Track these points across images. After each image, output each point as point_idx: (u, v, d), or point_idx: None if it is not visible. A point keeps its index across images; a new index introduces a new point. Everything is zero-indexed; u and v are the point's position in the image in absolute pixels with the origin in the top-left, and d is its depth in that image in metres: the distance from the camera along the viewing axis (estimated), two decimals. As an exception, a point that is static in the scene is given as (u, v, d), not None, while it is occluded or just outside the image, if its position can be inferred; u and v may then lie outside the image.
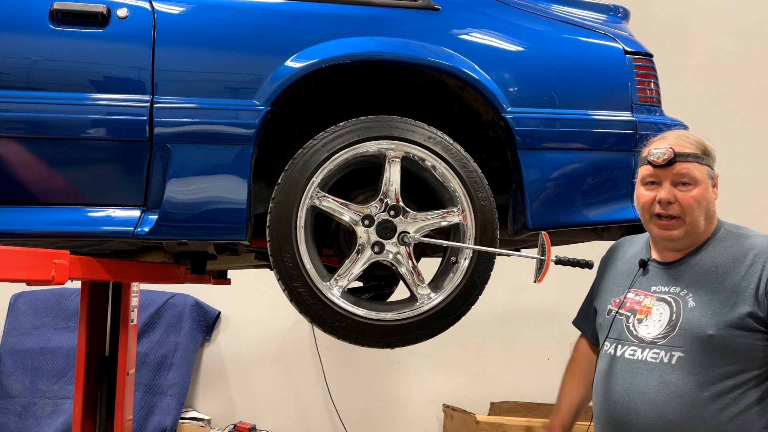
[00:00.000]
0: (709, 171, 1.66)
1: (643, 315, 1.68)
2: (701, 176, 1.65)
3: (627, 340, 1.68)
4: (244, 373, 4.44)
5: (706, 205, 1.65)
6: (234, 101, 1.84)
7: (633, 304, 1.72)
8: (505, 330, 4.28)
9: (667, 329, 1.62)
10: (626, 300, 1.74)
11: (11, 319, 4.31)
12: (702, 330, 1.57)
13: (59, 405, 4.07)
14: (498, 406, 4.08)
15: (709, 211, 1.66)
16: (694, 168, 1.64)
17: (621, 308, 1.74)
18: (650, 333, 1.65)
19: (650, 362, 1.61)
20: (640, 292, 1.73)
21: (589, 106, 2.04)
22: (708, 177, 1.66)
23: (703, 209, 1.65)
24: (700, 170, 1.65)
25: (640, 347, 1.65)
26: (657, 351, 1.62)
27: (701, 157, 1.66)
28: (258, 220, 1.98)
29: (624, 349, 1.68)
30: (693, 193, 1.64)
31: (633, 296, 1.74)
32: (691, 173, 1.64)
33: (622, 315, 1.73)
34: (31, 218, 1.80)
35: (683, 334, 1.59)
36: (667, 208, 1.65)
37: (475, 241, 1.87)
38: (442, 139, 1.89)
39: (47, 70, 1.81)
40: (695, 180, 1.64)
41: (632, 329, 1.69)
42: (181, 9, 1.89)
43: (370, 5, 1.97)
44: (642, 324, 1.67)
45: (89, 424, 2.73)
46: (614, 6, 2.30)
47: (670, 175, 1.65)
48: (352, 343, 1.85)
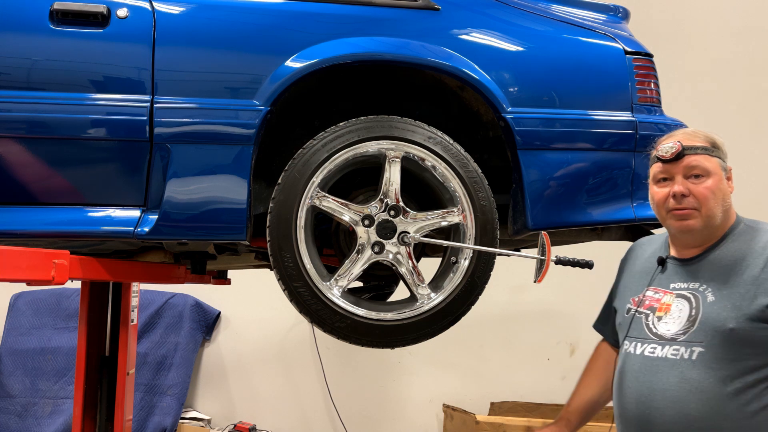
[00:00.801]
0: (721, 163, 1.66)
1: (663, 312, 1.67)
2: (713, 167, 1.64)
3: (646, 338, 1.67)
4: (244, 373, 4.44)
5: (722, 197, 1.64)
6: (234, 101, 1.84)
7: (652, 302, 1.71)
8: (505, 330, 4.28)
9: (687, 325, 1.61)
10: (645, 298, 1.73)
11: (11, 319, 4.32)
12: (722, 324, 1.55)
13: (59, 405, 4.07)
14: (498, 406, 4.08)
15: (725, 202, 1.65)
16: (705, 160, 1.64)
17: (640, 307, 1.73)
18: (670, 330, 1.63)
19: (670, 359, 1.60)
20: (659, 289, 1.72)
21: (589, 106, 2.04)
22: (721, 169, 1.65)
23: (719, 200, 1.64)
24: (711, 162, 1.64)
25: (659, 344, 1.64)
26: (677, 347, 1.60)
27: (711, 150, 1.65)
28: (258, 220, 1.98)
29: (644, 347, 1.67)
30: (707, 184, 1.63)
31: (652, 294, 1.72)
32: (702, 165, 1.64)
33: (642, 313, 1.72)
34: (31, 218, 1.80)
35: (703, 329, 1.58)
36: (681, 202, 1.64)
37: (475, 241, 1.87)
38: (442, 139, 1.89)
39: (47, 70, 1.81)
40: (707, 171, 1.63)
41: (652, 327, 1.68)
42: (181, 9, 1.89)
43: (370, 5, 1.97)
44: (661, 321, 1.66)
45: (89, 424, 2.73)
46: (614, 6, 2.30)
47: (681, 169, 1.65)
48: (352, 343, 1.85)
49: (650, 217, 2.02)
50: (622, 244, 2.39)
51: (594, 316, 1.98)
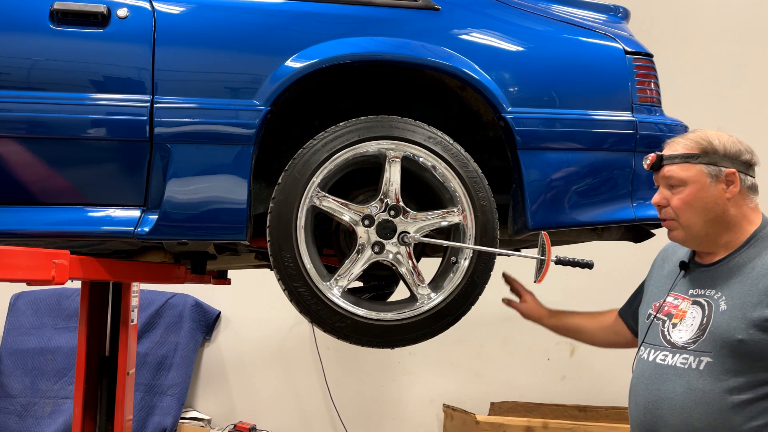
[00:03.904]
0: (709, 169, 1.60)
1: (678, 319, 1.64)
2: (691, 176, 1.61)
3: (660, 345, 1.65)
4: (244, 373, 4.44)
5: (702, 206, 1.60)
6: (234, 101, 1.84)
7: (670, 308, 1.68)
8: (505, 330, 4.27)
9: (698, 333, 1.57)
10: (665, 304, 1.70)
11: (11, 319, 4.32)
12: (731, 335, 1.51)
13: (59, 405, 4.07)
14: (498, 406, 4.08)
15: (711, 211, 1.60)
16: (681, 169, 1.62)
17: (659, 312, 1.71)
18: (682, 338, 1.60)
19: (679, 367, 1.57)
20: (679, 295, 1.69)
21: (590, 106, 2.04)
22: (706, 176, 1.60)
23: (699, 210, 1.60)
24: (690, 170, 1.61)
25: (671, 352, 1.61)
26: (686, 356, 1.57)
27: (693, 156, 1.62)
28: (258, 220, 1.98)
29: (656, 354, 1.64)
30: (681, 195, 1.62)
31: (672, 300, 1.70)
32: (677, 175, 1.62)
33: (659, 319, 1.69)
34: (31, 218, 1.79)
35: (712, 339, 1.54)
36: (661, 212, 1.67)
37: (475, 241, 1.87)
38: (442, 139, 1.89)
39: (47, 70, 1.81)
40: (682, 181, 1.62)
41: (666, 334, 1.65)
42: (181, 9, 1.89)
43: (370, 5, 1.97)
44: (676, 328, 1.63)
45: (89, 424, 2.73)
46: (614, 6, 2.29)
47: (660, 179, 1.67)
48: (353, 343, 1.85)
49: (650, 217, 2.02)
50: (622, 244, 2.40)
51: (594, 315, 1.99)
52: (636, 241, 2.32)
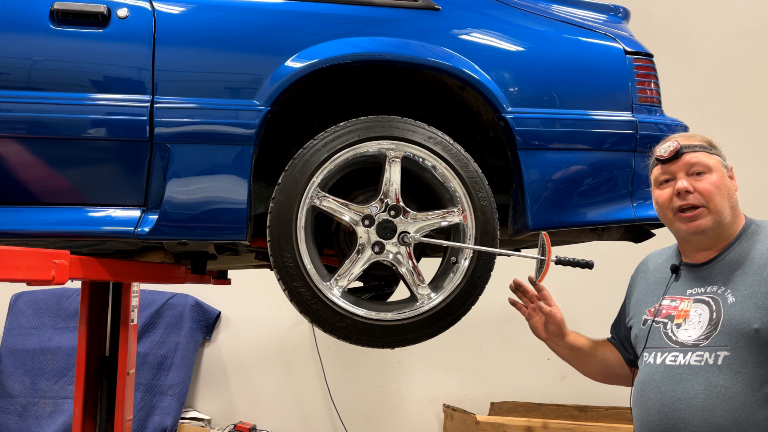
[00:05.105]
0: (722, 161, 1.64)
1: (681, 319, 1.61)
2: (714, 164, 1.63)
3: (666, 347, 1.61)
4: (244, 373, 4.44)
5: (727, 192, 1.62)
6: (234, 101, 1.84)
7: (669, 311, 1.66)
8: (505, 330, 4.27)
9: (709, 329, 1.55)
10: (661, 308, 1.68)
11: (11, 319, 4.32)
12: (746, 325, 1.50)
13: (59, 405, 4.07)
14: (498, 406, 4.08)
15: (732, 199, 1.63)
16: (705, 156, 1.63)
17: (657, 316, 1.68)
18: (691, 336, 1.57)
19: (694, 366, 1.53)
20: (676, 297, 1.67)
21: (590, 106, 2.04)
22: (722, 166, 1.63)
23: (725, 196, 1.61)
24: (712, 158, 1.63)
25: (681, 352, 1.57)
26: (701, 353, 1.54)
27: (709, 148, 1.64)
28: (258, 220, 1.98)
29: (664, 356, 1.60)
30: (711, 179, 1.61)
31: (668, 303, 1.68)
32: (703, 161, 1.62)
33: (659, 323, 1.66)
34: (31, 218, 1.80)
35: (726, 332, 1.52)
36: (686, 198, 1.61)
37: (475, 241, 1.87)
38: (443, 139, 1.89)
39: (47, 70, 1.81)
40: (709, 167, 1.62)
41: (671, 335, 1.62)
42: (181, 9, 1.89)
43: (370, 5, 1.97)
44: (681, 328, 1.60)
45: (89, 424, 2.73)
46: (614, 6, 2.30)
47: (681, 167, 1.64)
48: (353, 343, 1.85)
49: (650, 217, 2.02)
50: (622, 244, 2.40)
51: (594, 315, 1.99)
52: (636, 241, 2.32)
